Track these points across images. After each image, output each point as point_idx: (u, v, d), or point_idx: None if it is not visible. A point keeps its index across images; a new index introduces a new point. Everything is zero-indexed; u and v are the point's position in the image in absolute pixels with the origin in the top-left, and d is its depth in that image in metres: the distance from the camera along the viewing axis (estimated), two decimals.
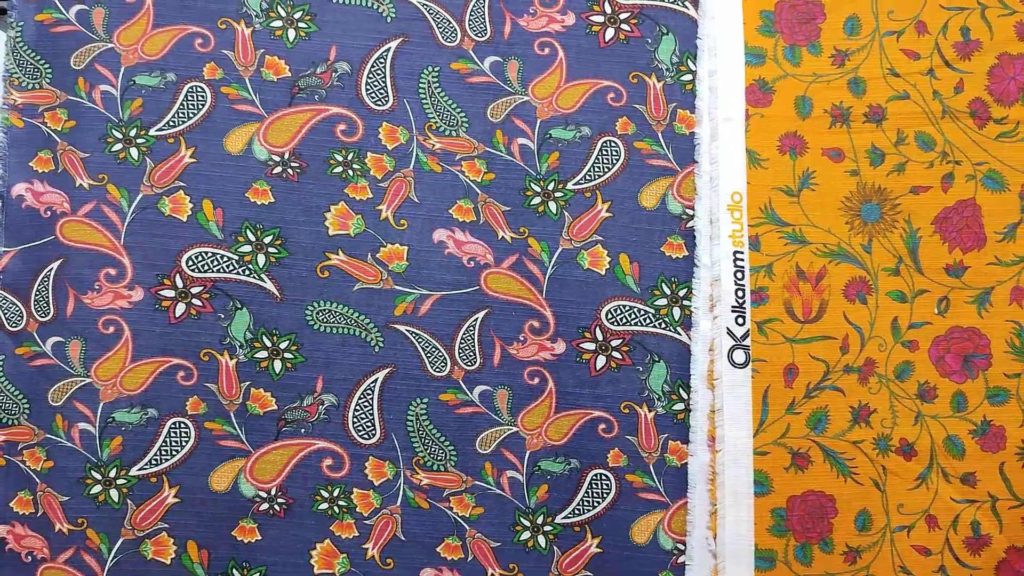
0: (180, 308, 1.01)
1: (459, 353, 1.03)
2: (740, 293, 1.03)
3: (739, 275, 1.03)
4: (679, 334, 1.05)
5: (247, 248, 1.03)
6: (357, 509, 1.02)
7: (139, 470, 1.00)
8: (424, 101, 1.06)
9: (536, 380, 1.04)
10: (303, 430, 1.02)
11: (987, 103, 1.05)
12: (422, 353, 1.03)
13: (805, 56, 1.06)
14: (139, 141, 1.03)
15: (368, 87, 1.05)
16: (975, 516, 1.01)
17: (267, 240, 1.03)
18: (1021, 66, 1.05)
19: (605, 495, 1.03)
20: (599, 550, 1.03)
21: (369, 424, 1.02)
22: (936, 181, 1.05)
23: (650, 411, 1.04)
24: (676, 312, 1.05)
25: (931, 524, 1.01)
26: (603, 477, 1.03)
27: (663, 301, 1.05)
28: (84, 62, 1.03)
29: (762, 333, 1.02)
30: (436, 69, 1.06)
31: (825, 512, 1.01)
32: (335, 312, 1.03)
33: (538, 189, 1.06)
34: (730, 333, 1.02)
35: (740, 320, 1.02)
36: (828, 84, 1.06)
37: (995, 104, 1.05)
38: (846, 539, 1.01)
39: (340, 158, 1.04)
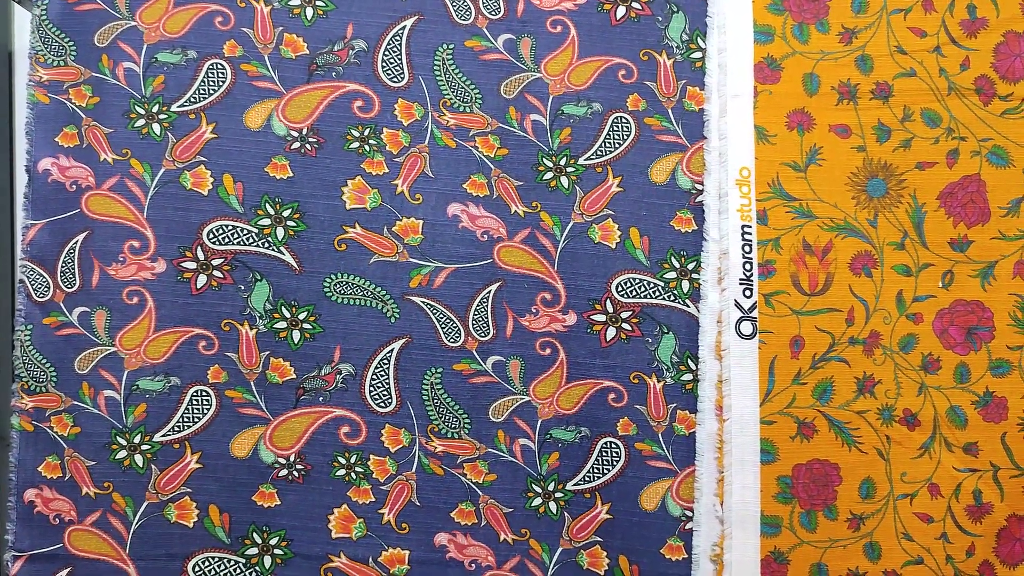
0: (202, 279, 1.04)
1: (473, 324, 1.06)
2: (748, 266, 1.05)
3: (747, 248, 1.05)
4: (688, 306, 1.07)
5: (266, 221, 1.05)
6: (373, 475, 1.05)
7: (162, 436, 1.03)
8: (439, 78, 1.08)
9: (548, 351, 1.06)
10: (321, 398, 1.05)
11: (993, 80, 1.07)
12: (437, 324, 1.06)
13: (813, 34, 1.08)
14: (161, 117, 1.05)
15: (384, 64, 1.08)
16: (977, 485, 1.03)
17: (286, 214, 1.05)
18: None
19: (615, 463, 1.06)
20: (609, 516, 1.05)
21: (385, 393, 1.05)
22: (941, 157, 1.06)
23: (659, 381, 1.06)
24: (685, 285, 1.07)
25: (933, 492, 1.03)
26: (613, 445, 1.06)
27: (672, 274, 1.07)
28: (107, 40, 1.05)
29: (769, 305, 1.05)
30: (450, 46, 1.08)
31: (830, 480, 1.04)
32: (352, 284, 1.05)
33: (550, 164, 1.08)
34: (738, 305, 1.04)
35: (747, 292, 1.05)
36: (836, 61, 1.08)
37: (1000, 81, 1.06)
38: (850, 506, 1.03)
39: (357, 134, 1.07)
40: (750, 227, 1.05)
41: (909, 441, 1.04)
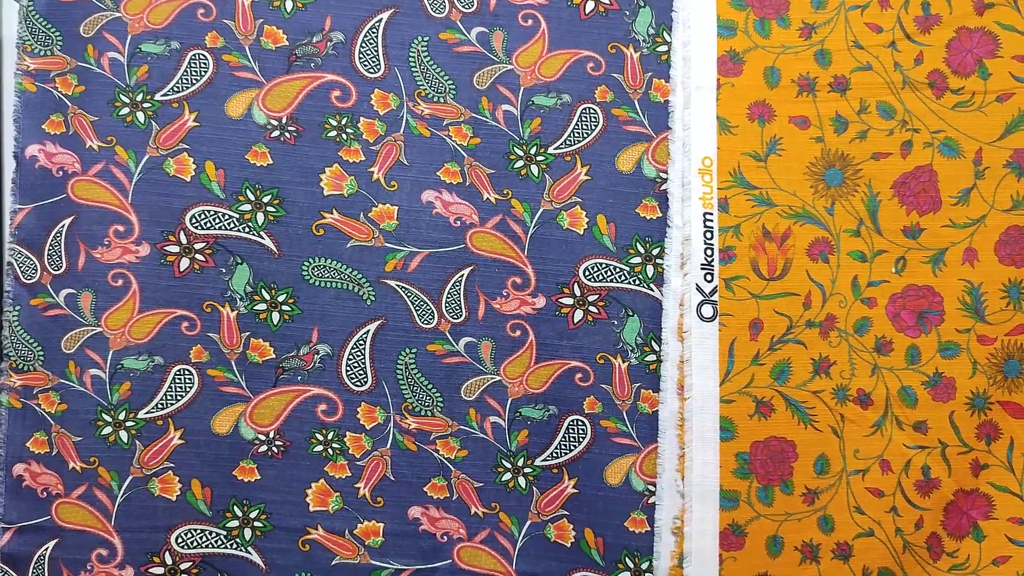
0: (184, 263, 1.08)
1: (446, 307, 1.10)
2: (709, 252, 1.09)
3: (708, 235, 1.09)
4: (652, 290, 1.12)
5: (247, 207, 1.09)
6: (350, 451, 1.09)
7: (146, 413, 1.07)
8: (414, 69, 1.12)
9: (518, 332, 1.11)
10: (299, 377, 1.09)
11: (945, 74, 1.11)
12: (411, 306, 1.10)
13: (774, 28, 1.12)
14: (145, 105, 1.09)
15: (361, 56, 1.12)
16: (926, 461, 1.08)
17: (266, 199, 1.09)
18: (978, 39, 1.11)
19: (581, 439, 1.10)
20: (575, 491, 1.10)
21: (361, 372, 1.09)
22: (896, 148, 1.11)
23: (624, 362, 1.11)
24: (649, 269, 1.12)
25: (884, 468, 1.08)
26: (579, 423, 1.10)
27: (637, 259, 1.12)
28: (93, 30, 1.09)
29: (729, 289, 1.09)
30: (425, 39, 1.12)
31: (786, 456, 1.08)
32: (329, 267, 1.09)
33: (521, 153, 1.12)
34: (699, 289, 1.09)
35: (709, 277, 1.09)
36: (796, 55, 1.12)
37: (952, 75, 1.11)
38: (805, 481, 1.08)
39: (334, 123, 1.11)
40: (712, 214, 1.10)
41: (862, 419, 1.09)
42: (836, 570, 1.08)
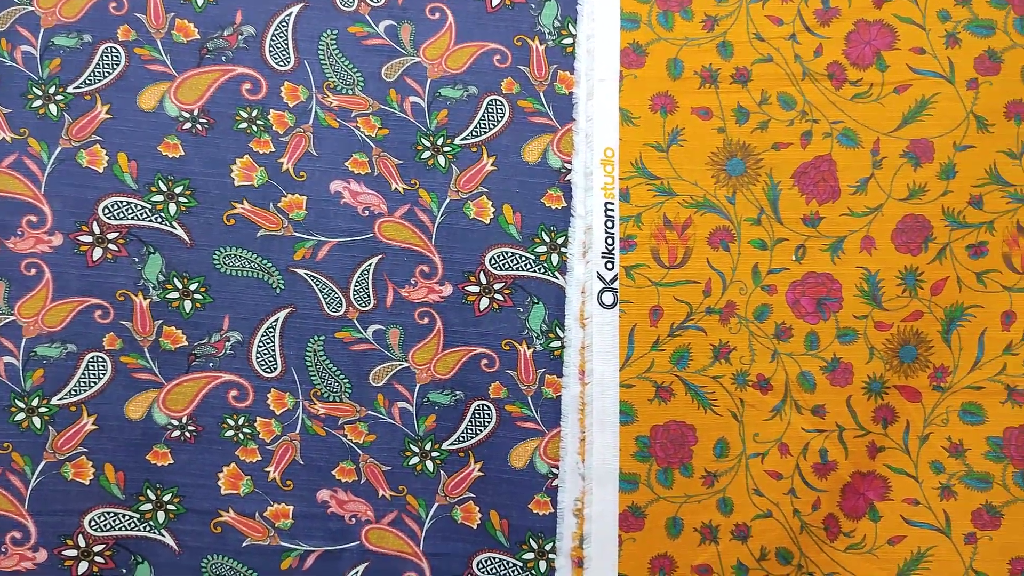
0: (97, 252, 1.10)
1: (354, 295, 1.13)
2: (610, 241, 1.12)
3: (610, 224, 1.12)
4: (556, 278, 1.14)
5: (159, 197, 1.11)
6: (260, 436, 1.11)
7: (60, 399, 1.09)
8: (323, 62, 1.14)
9: (425, 320, 1.13)
10: (211, 364, 1.11)
11: (844, 66, 1.13)
12: (320, 295, 1.12)
13: (677, 21, 1.15)
14: (58, 98, 1.11)
15: (271, 49, 1.14)
16: (823, 444, 1.11)
17: (178, 190, 1.11)
18: (876, 32, 1.13)
19: (487, 424, 1.13)
20: (481, 474, 1.13)
21: (271, 359, 1.12)
22: (796, 138, 1.13)
23: (529, 348, 1.13)
24: (554, 258, 1.14)
25: (783, 451, 1.11)
26: (485, 408, 1.13)
27: (542, 248, 1.14)
28: (6, 24, 1.11)
29: (630, 277, 1.12)
30: (334, 32, 1.14)
31: (686, 440, 1.11)
32: (240, 257, 1.12)
33: (428, 144, 1.14)
34: (600, 277, 1.11)
35: (609, 265, 1.11)
36: (698, 47, 1.14)
37: (851, 67, 1.13)
38: (705, 464, 1.11)
39: (245, 115, 1.13)
40: (613, 204, 1.12)
41: (762, 404, 1.11)
42: (734, 550, 1.10)
